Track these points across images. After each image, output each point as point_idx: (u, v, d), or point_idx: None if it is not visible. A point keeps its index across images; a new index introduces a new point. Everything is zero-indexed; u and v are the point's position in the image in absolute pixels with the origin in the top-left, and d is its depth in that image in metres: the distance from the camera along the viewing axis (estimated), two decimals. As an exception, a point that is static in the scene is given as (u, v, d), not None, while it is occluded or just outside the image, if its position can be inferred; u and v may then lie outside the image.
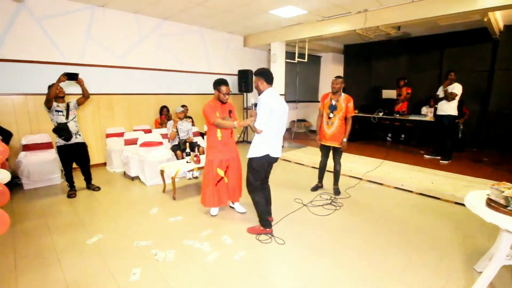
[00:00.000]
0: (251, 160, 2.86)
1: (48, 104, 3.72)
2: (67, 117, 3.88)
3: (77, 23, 5.02)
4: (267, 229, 2.95)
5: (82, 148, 4.11)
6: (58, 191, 4.24)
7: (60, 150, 3.91)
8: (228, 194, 3.42)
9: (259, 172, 2.88)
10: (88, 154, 4.23)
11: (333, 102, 3.89)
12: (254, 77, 2.83)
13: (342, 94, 3.90)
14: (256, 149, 2.79)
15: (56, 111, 3.81)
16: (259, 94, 2.79)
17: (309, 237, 2.94)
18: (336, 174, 4.12)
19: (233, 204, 3.64)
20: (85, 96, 3.99)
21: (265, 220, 2.95)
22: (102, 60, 5.42)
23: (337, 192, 4.11)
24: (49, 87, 3.79)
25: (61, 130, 3.82)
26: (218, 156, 3.23)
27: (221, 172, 3.28)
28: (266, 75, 2.76)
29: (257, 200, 2.93)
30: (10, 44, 4.45)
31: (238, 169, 3.44)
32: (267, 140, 2.76)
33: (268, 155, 2.78)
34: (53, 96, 3.71)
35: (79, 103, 4.05)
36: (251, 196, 2.96)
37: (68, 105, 3.94)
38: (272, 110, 2.67)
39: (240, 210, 3.57)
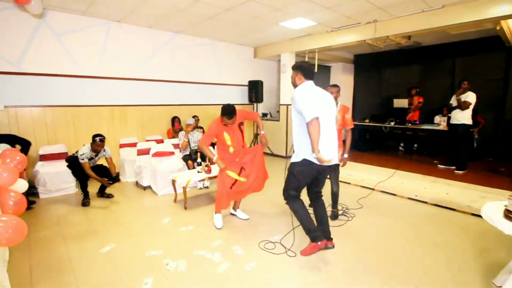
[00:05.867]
0: (292, 165, 2.48)
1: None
2: (90, 159, 4.04)
3: (94, 37, 5.22)
4: (319, 243, 2.50)
5: (102, 168, 4.24)
6: (73, 201, 4.32)
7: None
8: (250, 189, 3.41)
9: (298, 181, 2.45)
10: (110, 172, 4.26)
11: None
12: (292, 72, 2.50)
13: (339, 104, 3.48)
14: (296, 154, 2.43)
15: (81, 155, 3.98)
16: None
17: (320, 248, 2.90)
18: (334, 196, 3.59)
19: (235, 211, 3.65)
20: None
21: (311, 231, 2.49)
22: (117, 73, 5.59)
23: (334, 217, 3.59)
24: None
25: (69, 160, 4.05)
26: (228, 165, 3.27)
27: (233, 175, 3.28)
28: (305, 70, 2.40)
29: (295, 209, 2.48)
30: (30, 58, 4.65)
31: (258, 164, 3.39)
32: (308, 142, 2.30)
33: (307, 160, 2.34)
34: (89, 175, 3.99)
35: (108, 162, 4.24)
36: (288, 205, 2.58)
37: (97, 153, 4.12)
38: (314, 102, 2.27)
39: (242, 217, 3.59)
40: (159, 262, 2.65)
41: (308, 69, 2.41)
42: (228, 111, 3.08)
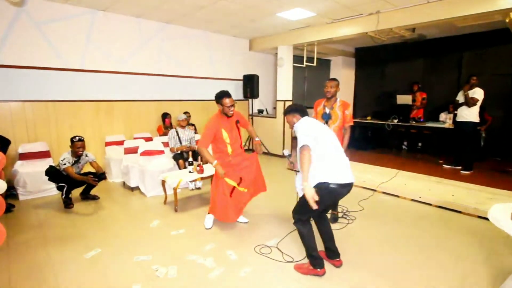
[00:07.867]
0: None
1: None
2: (73, 165, 3.99)
3: (77, 28, 5.16)
4: (318, 270, 2.48)
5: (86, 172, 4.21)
6: (55, 203, 4.27)
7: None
8: (250, 196, 3.46)
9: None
10: (96, 170, 4.23)
11: (327, 110, 3.41)
12: (286, 116, 2.64)
13: (338, 99, 3.41)
14: (311, 178, 2.33)
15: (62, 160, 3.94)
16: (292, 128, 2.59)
17: (319, 253, 2.91)
18: None
19: None
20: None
21: (314, 257, 2.48)
22: (103, 66, 5.54)
23: (334, 219, 3.60)
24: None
25: (48, 173, 3.98)
26: (227, 172, 3.22)
27: (231, 182, 3.27)
28: (300, 110, 2.58)
29: (302, 233, 2.48)
30: (8, 50, 4.58)
31: (255, 171, 3.46)
32: (321, 164, 2.31)
33: (327, 183, 2.28)
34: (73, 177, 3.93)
35: (93, 166, 4.21)
36: (296, 227, 2.54)
37: (79, 159, 4.06)
38: (315, 129, 2.42)
39: (241, 220, 3.57)
40: (148, 267, 2.64)
41: (302, 109, 2.62)
42: (224, 92, 3.09)
